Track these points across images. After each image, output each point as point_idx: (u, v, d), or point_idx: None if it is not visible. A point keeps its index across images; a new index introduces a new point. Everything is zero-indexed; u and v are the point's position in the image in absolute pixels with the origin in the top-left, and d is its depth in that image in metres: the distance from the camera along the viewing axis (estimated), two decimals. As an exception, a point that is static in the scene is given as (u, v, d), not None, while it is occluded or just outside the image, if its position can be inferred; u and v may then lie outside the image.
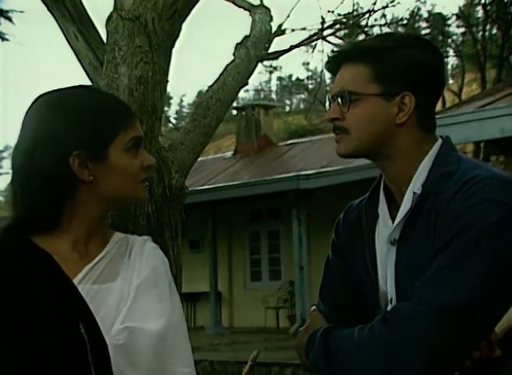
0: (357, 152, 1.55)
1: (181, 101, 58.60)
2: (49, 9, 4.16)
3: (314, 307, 1.71)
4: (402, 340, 1.37)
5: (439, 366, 1.37)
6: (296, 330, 11.99)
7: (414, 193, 1.50)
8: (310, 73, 43.67)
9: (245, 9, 5.69)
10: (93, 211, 1.44)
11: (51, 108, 1.45)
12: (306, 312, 13.22)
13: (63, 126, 1.41)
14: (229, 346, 11.20)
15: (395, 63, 1.53)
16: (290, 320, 14.69)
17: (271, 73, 52.13)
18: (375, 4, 7.68)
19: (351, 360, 1.43)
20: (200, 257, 15.84)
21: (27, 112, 1.48)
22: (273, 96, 53.57)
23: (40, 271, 1.33)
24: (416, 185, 1.51)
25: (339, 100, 1.54)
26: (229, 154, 20.17)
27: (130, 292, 1.43)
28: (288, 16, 6.33)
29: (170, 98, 51.25)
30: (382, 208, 1.59)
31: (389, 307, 1.53)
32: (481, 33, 20.72)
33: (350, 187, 13.15)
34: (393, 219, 1.55)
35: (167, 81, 3.67)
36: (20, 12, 13.46)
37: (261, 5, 5.68)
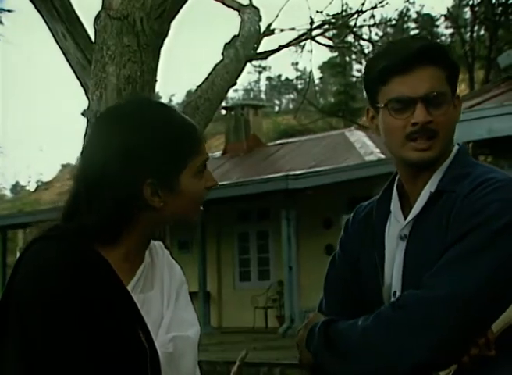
0: (438, 157, 1.56)
1: (170, 100, 58.46)
2: (37, 8, 4.14)
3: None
4: (410, 323, 1.41)
5: (445, 350, 1.40)
6: (285, 330, 11.95)
7: (430, 192, 1.55)
8: (299, 73, 43.76)
9: (234, 9, 5.69)
10: (151, 229, 1.47)
11: (126, 126, 1.42)
12: (295, 312, 13.23)
13: (140, 149, 1.39)
14: (217, 346, 11.19)
15: (456, 65, 1.61)
16: (279, 320, 14.69)
17: (260, 72, 52.13)
18: (363, 4, 7.72)
19: (357, 346, 1.46)
20: (189, 257, 15.81)
21: (99, 122, 1.47)
22: (262, 96, 53.58)
23: (103, 281, 1.36)
24: (433, 184, 1.56)
25: (429, 102, 1.53)
26: (218, 154, 20.14)
27: (165, 300, 1.48)
28: (277, 16, 6.34)
29: (159, 97, 51.03)
30: (395, 205, 1.62)
31: (393, 300, 1.55)
32: (469, 34, 20.81)
33: (338, 187, 13.17)
34: (405, 216, 1.59)
35: (156, 81, 3.66)
36: (9, 11, 13.39)
37: (250, 5, 5.68)
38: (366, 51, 19.73)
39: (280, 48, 6.01)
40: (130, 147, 1.39)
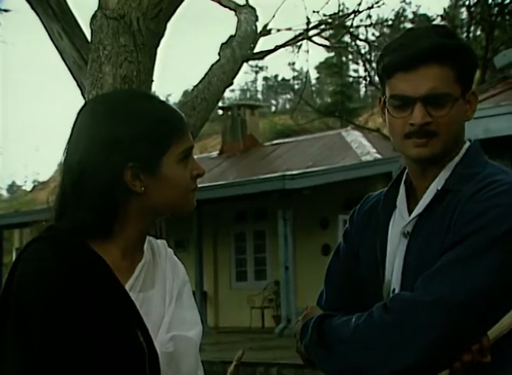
0: (440, 155, 1.53)
1: (167, 100, 58.31)
2: (33, 8, 4.14)
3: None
4: (402, 325, 1.39)
5: (436, 354, 1.39)
6: (282, 330, 11.92)
7: (437, 190, 1.53)
8: (295, 73, 43.71)
9: (231, 9, 5.68)
10: (143, 221, 1.45)
11: (107, 115, 1.43)
12: (291, 311, 13.23)
13: (119, 136, 1.40)
14: (214, 346, 11.19)
15: (469, 63, 1.55)
16: (276, 320, 14.69)
17: (256, 72, 52.16)
18: (360, 4, 7.73)
19: (347, 345, 1.45)
20: (185, 257, 15.79)
21: (81, 114, 1.46)
22: (259, 96, 53.57)
23: (99, 280, 1.36)
24: (440, 182, 1.53)
25: (430, 102, 1.49)
26: (214, 154, 20.14)
27: (167, 300, 1.47)
28: (273, 16, 6.34)
29: (156, 97, 50.90)
30: (401, 200, 1.60)
31: (385, 301, 1.53)
32: (465, 34, 20.82)
33: (335, 187, 13.17)
34: (411, 212, 1.57)
35: (152, 80, 3.66)
36: (5, 11, 13.35)
37: (247, 5, 5.67)
38: (362, 51, 19.77)
39: (277, 48, 6.00)
40: (109, 135, 1.40)
